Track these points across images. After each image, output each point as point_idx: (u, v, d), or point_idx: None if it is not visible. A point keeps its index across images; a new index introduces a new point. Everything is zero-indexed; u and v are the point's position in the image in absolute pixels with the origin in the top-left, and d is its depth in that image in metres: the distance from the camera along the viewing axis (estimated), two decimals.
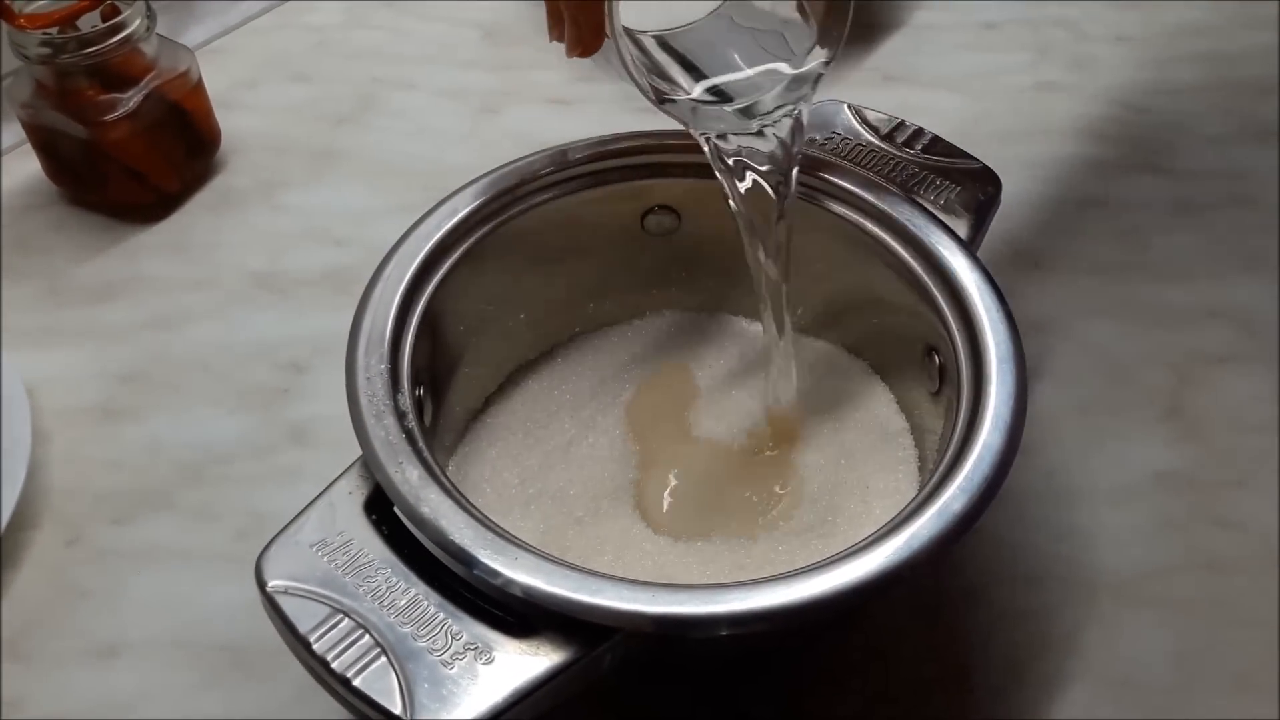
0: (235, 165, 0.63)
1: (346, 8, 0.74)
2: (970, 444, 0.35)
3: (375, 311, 0.39)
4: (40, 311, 0.55)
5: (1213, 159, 0.62)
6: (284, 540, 0.34)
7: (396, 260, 0.41)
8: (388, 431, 0.35)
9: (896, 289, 0.42)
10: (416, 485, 0.34)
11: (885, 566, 0.32)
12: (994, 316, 0.38)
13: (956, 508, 0.33)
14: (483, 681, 0.31)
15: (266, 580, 0.33)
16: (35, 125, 0.57)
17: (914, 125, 0.46)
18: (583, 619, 0.31)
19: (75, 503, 0.47)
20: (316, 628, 0.32)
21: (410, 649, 0.31)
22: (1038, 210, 0.58)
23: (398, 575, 0.33)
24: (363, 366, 0.37)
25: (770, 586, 0.32)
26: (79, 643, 0.43)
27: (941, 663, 0.42)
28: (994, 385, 0.36)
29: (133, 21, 0.55)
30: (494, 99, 0.65)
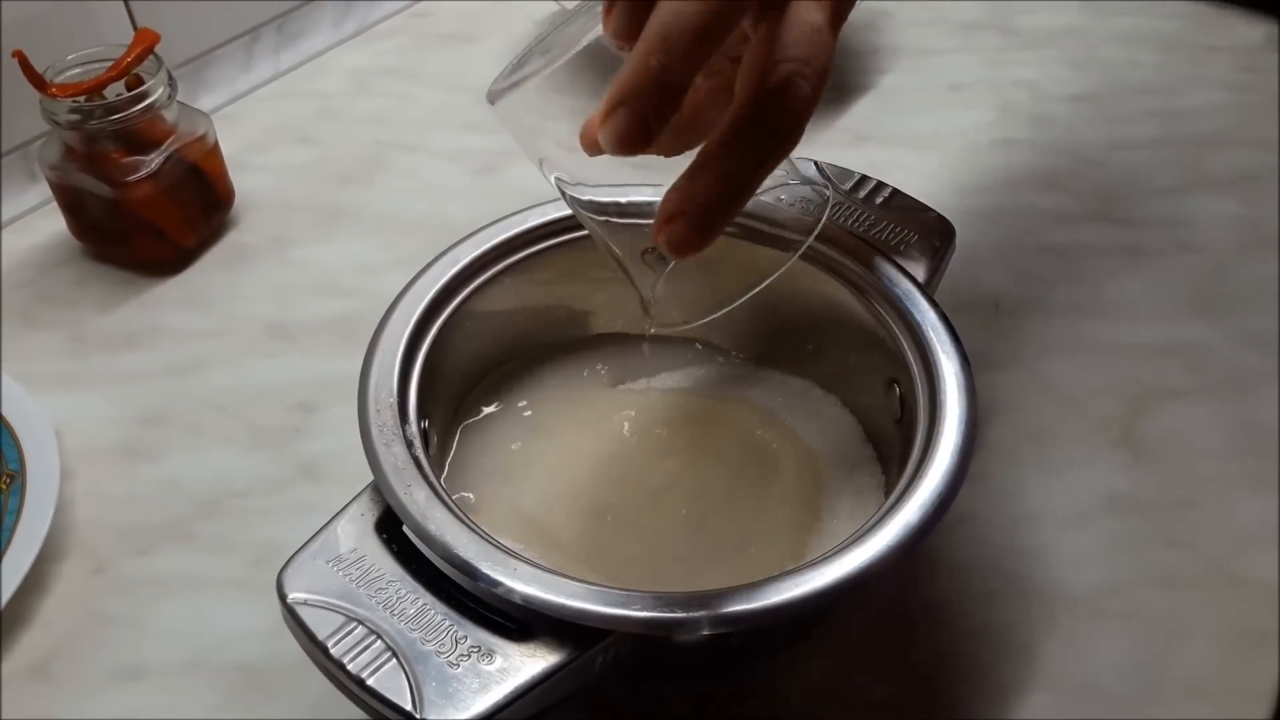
0: (247, 222, 0.67)
1: (350, 76, 0.78)
2: (926, 463, 0.38)
3: (384, 352, 0.43)
4: (66, 359, 0.58)
5: (1162, 209, 0.66)
6: (302, 557, 0.38)
7: (403, 305, 0.45)
8: (396, 458, 0.39)
9: (861, 327, 0.45)
10: (424, 506, 0.37)
11: (850, 572, 0.35)
12: (948, 350, 0.42)
13: (913, 519, 0.37)
14: (486, 680, 0.34)
15: (287, 593, 0.36)
16: (63, 185, 0.61)
17: (875, 180, 0.50)
18: (576, 623, 0.35)
19: (100, 535, 0.50)
20: (333, 634, 0.35)
21: (419, 652, 0.35)
22: (997, 256, 0.62)
23: (406, 587, 0.36)
24: (373, 401, 0.41)
25: (746, 592, 0.35)
26: (105, 665, 0.46)
27: (909, 675, 0.45)
28: (948, 411, 0.40)
29: (156, 90, 0.60)
30: (491, 159, 0.69)
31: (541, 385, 0.51)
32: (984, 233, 0.63)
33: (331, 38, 0.82)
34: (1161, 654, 0.45)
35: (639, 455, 0.48)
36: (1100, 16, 0.82)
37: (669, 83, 0.31)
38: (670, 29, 0.31)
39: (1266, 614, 0.46)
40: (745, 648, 0.43)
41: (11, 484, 0.50)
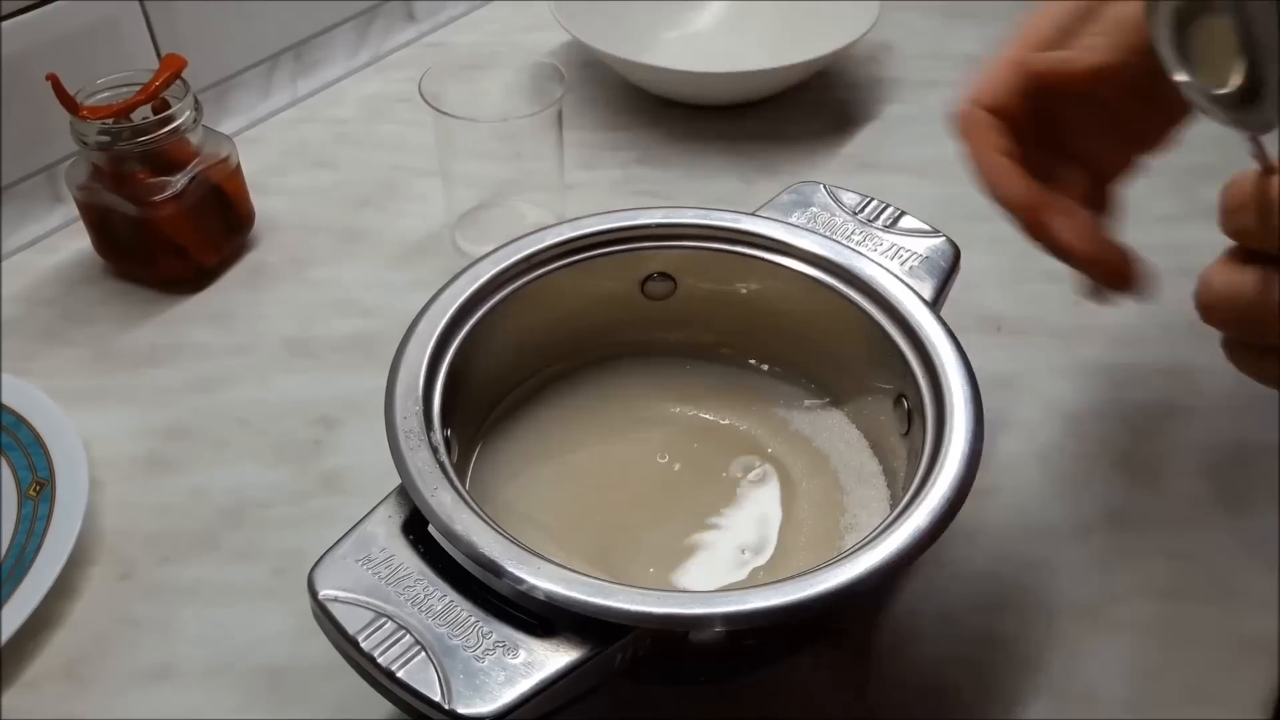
0: (267, 243, 0.68)
1: (366, 103, 0.80)
2: (934, 471, 0.40)
3: (410, 362, 0.44)
4: (92, 374, 0.60)
5: (1160, 235, 0.67)
6: (333, 557, 0.39)
7: (427, 318, 0.46)
8: (423, 463, 0.40)
9: (870, 343, 0.47)
10: (450, 508, 0.39)
11: (863, 573, 0.37)
12: (954, 365, 0.43)
13: (922, 523, 0.38)
14: (511, 674, 0.35)
15: (318, 590, 0.38)
16: (90, 204, 0.63)
17: (882, 203, 0.52)
18: (598, 619, 0.36)
19: (127, 543, 0.51)
20: (364, 629, 0.36)
21: (447, 646, 0.36)
22: (999, 280, 0.64)
23: (433, 585, 0.38)
24: (400, 409, 0.42)
25: (762, 591, 0.36)
26: (132, 666, 0.47)
27: (917, 679, 0.46)
28: (955, 422, 0.41)
29: (182, 114, 0.62)
30: (505, 186, 0.71)
31: (561, 399, 0.52)
32: (985, 257, 0.65)
33: (347, 66, 0.84)
34: (1161, 663, 0.47)
35: (654, 469, 0.49)
36: None
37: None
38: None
39: (1264, 624, 0.47)
40: (759, 648, 0.44)
41: (41, 491, 0.51)
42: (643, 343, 0.53)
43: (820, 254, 0.49)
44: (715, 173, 0.73)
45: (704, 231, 0.50)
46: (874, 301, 0.47)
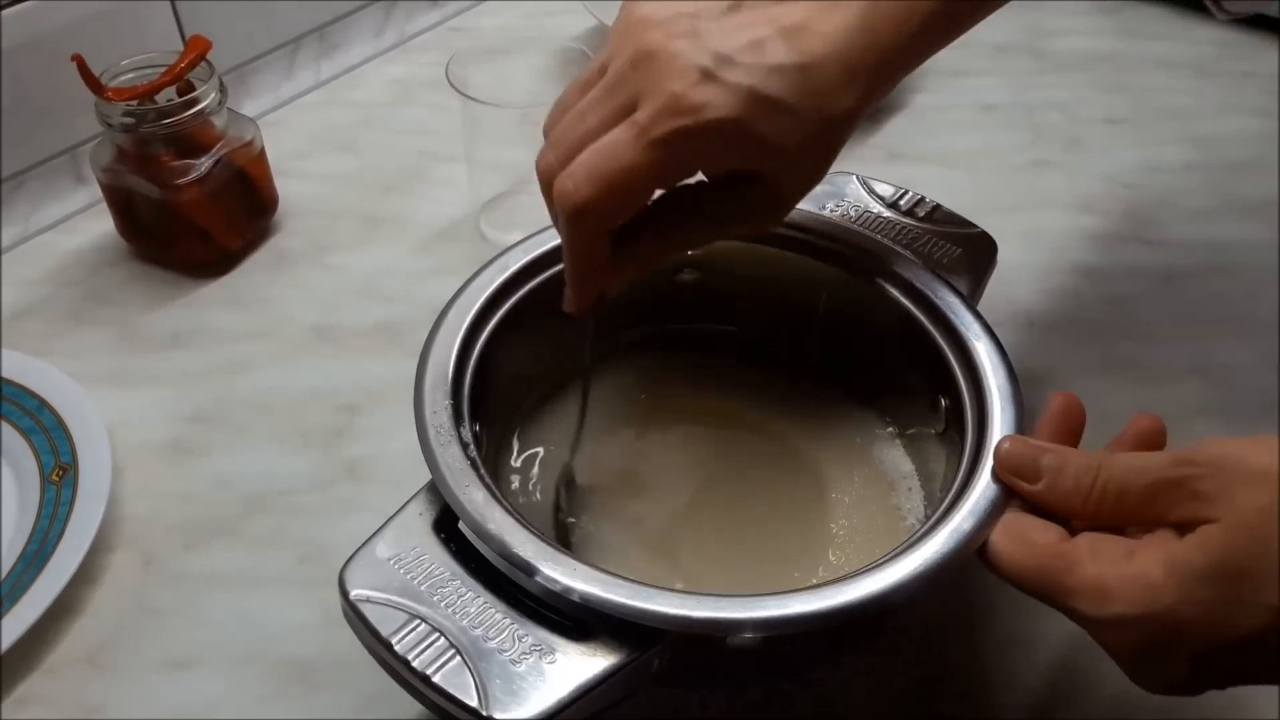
0: (290, 227, 0.68)
1: (391, 87, 0.80)
2: (976, 473, 0.39)
3: (438, 355, 0.43)
4: (115, 357, 0.59)
5: (1195, 232, 0.67)
6: (363, 556, 0.38)
7: (455, 310, 0.45)
8: (454, 459, 0.39)
9: (906, 340, 0.46)
10: (482, 506, 0.38)
11: (905, 578, 0.36)
12: (994, 361, 0.43)
13: (966, 528, 0.37)
14: (549, 679, 0.34)
15: (349, 590, 0.37)
16: (114, 187, 0.63)
17: (917, 194, 0.51)
18: (636, 623, 0.35)
19: (149, 530, 0.51)
20: (397, 631, 0.35)
21: (482, 649, 0.35)
22: (1031, 275, 0.63)
23: (466, 586, 0.37)
24: (429, 403, 0.41)
25: (803, 595, 0.35)
26: (155, 655, 0.47)
27: (946, 681, 0.46)
28: (996, 420, 0.40)
29: (207, 96, 0.61)
30: (531, 172, 0.70)
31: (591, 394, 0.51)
32: (1017, 251, 0.64)
33: (371, 49, 0.83)
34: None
35: (687, 463, 0.49)
36: (1133, 41, 0.83)
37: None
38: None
39: None
40: (796, 651, 0.44)
41: (64, 476, 0.51)
42: (672, 334, 0.52)
43: (854, 247, 0.48)
44: None
45: None
46: (911, 297, 0.46)
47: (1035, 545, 0.35)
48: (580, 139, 0.38)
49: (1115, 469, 0.35)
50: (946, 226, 0.49)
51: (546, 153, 0.40)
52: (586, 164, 0.37)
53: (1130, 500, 0.35)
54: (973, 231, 0.49)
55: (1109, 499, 0.35)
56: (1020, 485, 0.37)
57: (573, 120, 0.39)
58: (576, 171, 0.38)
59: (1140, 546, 0.34)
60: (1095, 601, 0.33)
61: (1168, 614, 0.32)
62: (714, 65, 0.36)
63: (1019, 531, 0.36)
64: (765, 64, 0.37)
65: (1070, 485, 0.36)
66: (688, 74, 0.36)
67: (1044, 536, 0.35)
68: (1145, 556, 0.33)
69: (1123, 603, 0.33)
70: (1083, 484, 0.36)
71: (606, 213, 0.38)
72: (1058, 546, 0.35)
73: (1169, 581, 0.32)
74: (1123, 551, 0.34)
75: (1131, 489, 0.35)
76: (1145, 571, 0.33)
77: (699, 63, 0.36)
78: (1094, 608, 0.33)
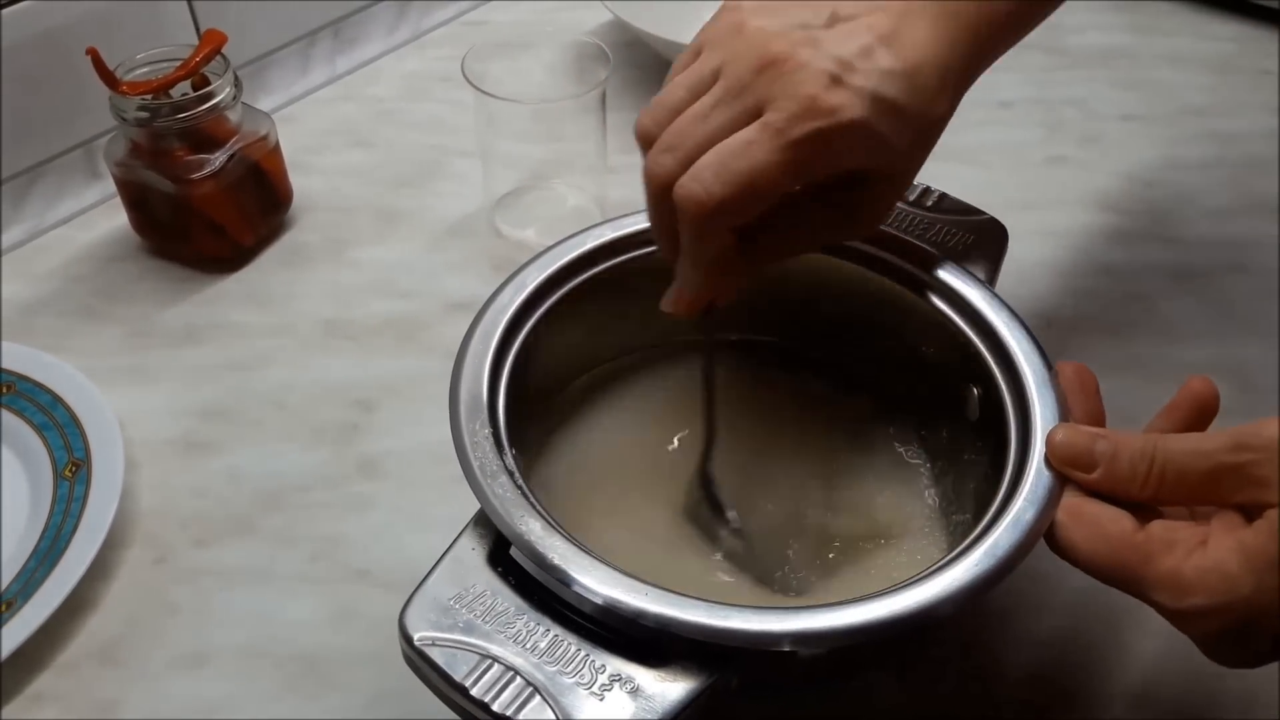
0: (304, 223, 0.68)
1: (405, 82, 0.79)
2: (1026, 462, 0.38)
3: (469, 383, 0.42)
4: (128, 353, 0.59)
5: (1213, 229, 0.66)
6: (422, 597, 0.36)
7: (479, 334, 0.43)
8: (504, 490, 0.38)
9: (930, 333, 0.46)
10: (541, 536, 0.36)
11: (984, 571, 0.35)
12: (1027, 348, 0.42)
13: (1028, 517, 0.37)
14: (634, 709, 0.33)
15: (413, 635, 0.35)
16: (128, 181, 0.63)
17: (922, 184, 0.50)
18: (716, 643, 0.34)
19: (163, 525, 0.51)
20: (470, 673, 0.34)
21: (562, 685, 0.34)
22: (1048, 273, 0.63)
23: (533, 620, 0.36)
24: (468, 432, 0.40)
25: (881, 599, 0.35)
26: (168, 652, 0.47)
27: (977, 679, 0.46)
28: (1037, 407, 0.40)
29: (222, 90, 0.61)
30: (545, 167, 0.70)
31: (620, 400, 0.50)
32: (1034, 249, 0.64)
33: (386, 44, 0.83)
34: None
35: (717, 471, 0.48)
36: (1149, 38, 0.82)
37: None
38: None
39: None
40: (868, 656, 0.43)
41: (77, 472, 0.51)
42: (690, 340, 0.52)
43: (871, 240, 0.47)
44: None
45: None
46: (935, 290, 0.45)
47: (1110, 537, 0.36)
48: (703, 141, 0.39)
49: (1171, 454, 0.36)
50: (955, 215, 0.49)
51: (661, 156, 0.40)
52: (716, 165, 0.38)
53: (1189, 485, 0.35)
54: (982, 218, 0.49)
55: (1167, 484, 0.36)
56: (1076, 475, 0.38)
57: (690, 123, 0.39)
58: (704, 173, 0.38)
59: (1212, 534, 0.34)
60: (1174, 594, 0.34)
61: (1246, 603, 0.33)
62: (839, 71, 0.38)
63: (1092, 522, 0.36)
64: (879, 69, 0.38)
65: (1126, 472, 0.36)
66: (819, 79, 0.38)
67: (1117, 527, 0.36)
68: (1219, 546, 0.34)
69: (1202, 594, 0.33)
70: (1139, 471, 0.36)
71: (736, 212, 0.39)
72: (1132, 538, 0.35)
73: (1245, 571, 0.33)
74: (1196, 540, 0.34)
75: (1190, 474, 0.35)
76: (1221, 562, 0.33)
77: (826, 69, 0.38)
78: (1173, 600, 0.34)
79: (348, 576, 0.49)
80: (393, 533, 0.51)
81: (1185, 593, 0.34)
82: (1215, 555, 0.33)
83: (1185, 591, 0.34)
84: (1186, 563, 0.34)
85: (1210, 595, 0.33)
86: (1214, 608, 0.33)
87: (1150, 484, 0.36)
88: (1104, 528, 0.36)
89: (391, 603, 0.36)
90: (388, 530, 0.51)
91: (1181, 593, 0.34)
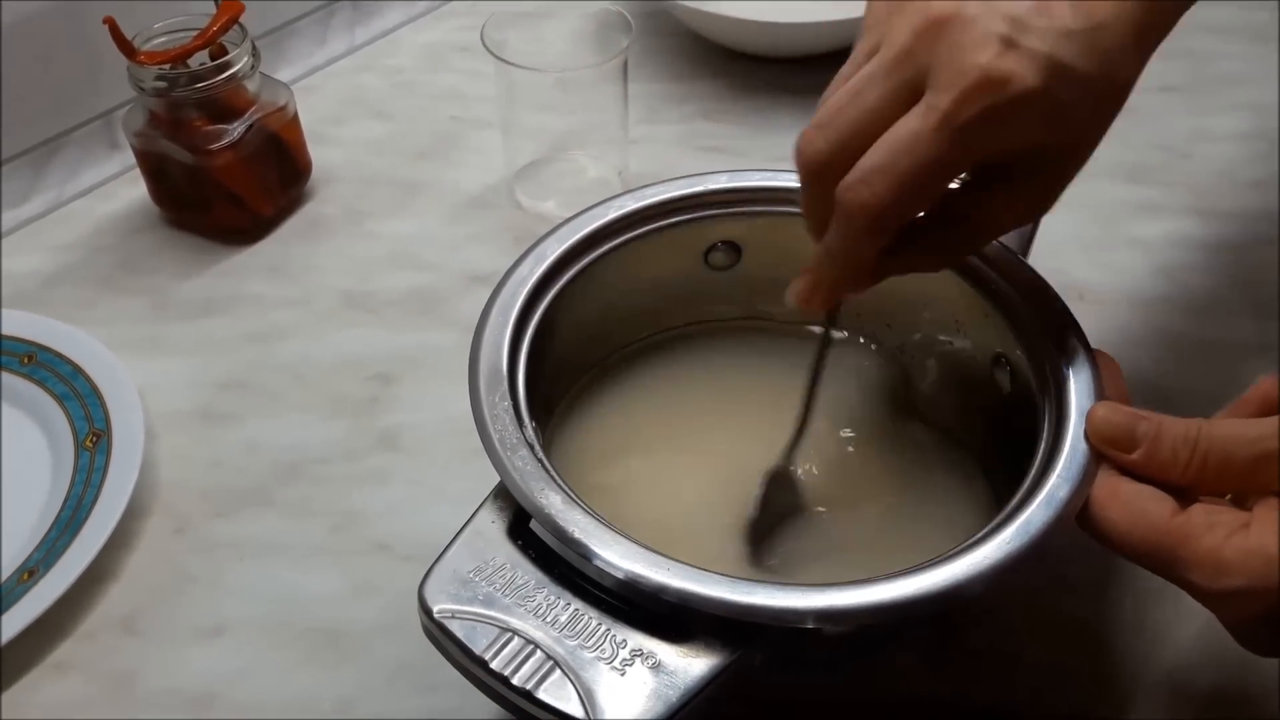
0: (324, 194, 0.67)
1: (424, 52, 0.79)
2: (1061, 438, 0.37)
3: (488, 355, 0.41)
4: (148, 324, 0.59)
5: (1252, 202, 0.64)
6: (441, 570, 0.36)
7: (498, 307, 0.43)
8: (524, 463, 0.37)
9: (960, 305, 0.45)
10: (562, 509, 0.36)
11: (1017, 548, 0.34)
12: (1063, 322, 0.41)
13: (1062, 494, 0.36)
14: (656, 685, 0.33)
15: (432, 607, 0.35)
16: (146, 152, 0.62)
17: None
18: (740, 619, 0.33)
19: (182, 497, 0.51)
20: (490, 647, 0.34)
21: (582, 659, 0.33)
22: (1082, 246, 0.61)
23: (554, 594, 0.35)
24: (488, 404, 0.39)
25: (909, 577, 0.34)
26: (188, 623, 0.46)
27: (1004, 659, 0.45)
28: (1072, 383, 0.39)
29: (240, 60, 0.60)
30: (566, 138, 0.69)
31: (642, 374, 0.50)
32: (1067, 223, 0.62)
33: (404, 14, 0.82)
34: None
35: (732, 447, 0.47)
36: None
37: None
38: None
39: None
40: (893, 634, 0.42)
41: (98, 442, 0.50)
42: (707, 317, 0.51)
43: None
44: (784, 128, 0.71)
45: (772, 195, 0.48)
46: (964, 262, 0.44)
47: (1149, 514, 0.34)
48: (857, 119, 0.36)
49: (1215, 439, 0.34)
50: None
51: (814, 135, 0.37)
52: (883, 163, 0.35)
53: (1232, 471, 0.34)
54: None
55: (1210, 470, 0.34)
56: (1115, 454, 0.36)
57: (845, 98, 0.36)
58: (870, 174, 0.35)
59: (1255, 519, 0.33)
60: (1212, 574, 0.33)
61: None
62: (1011, 31, 0.34)
63: (1131, 501, 0.35)
64: (1057, 28, 0.34)
65: (1168, 456, 0.35)
66: (988, 43, 0.34)
67: (1158, 507, 0.34)
68: (1263, 529, 0.33)
69: (1242, 576, 0.32)
70: (1180, 455, 0.35)
71: (901, 213, 0.36)
72: (1172, 519, 0.34)
73: None
74: (1239, 524, 0.33)
75: (1234, 460, 0.34)
76: (1263, 545, 0.32)
77: (997, 30, 0.34)
78: (1210, 580, 0.33)
79: (367, 549, 0.49)
80: (412, 506, 0.50)
81: (1224, 573, 0.32)
82: (1259, 538, 0.32)
83: (1224, 572, 0.32)
84: (1228, 543, 0.33)
85: (1250, 577, 0.32)
86: (1253, 590, 0.32)
87: (1192, 469, 0.35)
88: (1144, 506, 0.35)
89: (411, 575, 0.36)
90: (407, 503, 0.50)
91: (1220, 573, 0.33)
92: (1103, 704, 0.43)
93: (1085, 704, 0.43)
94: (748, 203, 0.48)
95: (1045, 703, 0.44)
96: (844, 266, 0.38)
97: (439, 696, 0.43)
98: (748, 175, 0.48)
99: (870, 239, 0.36)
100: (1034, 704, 0.44)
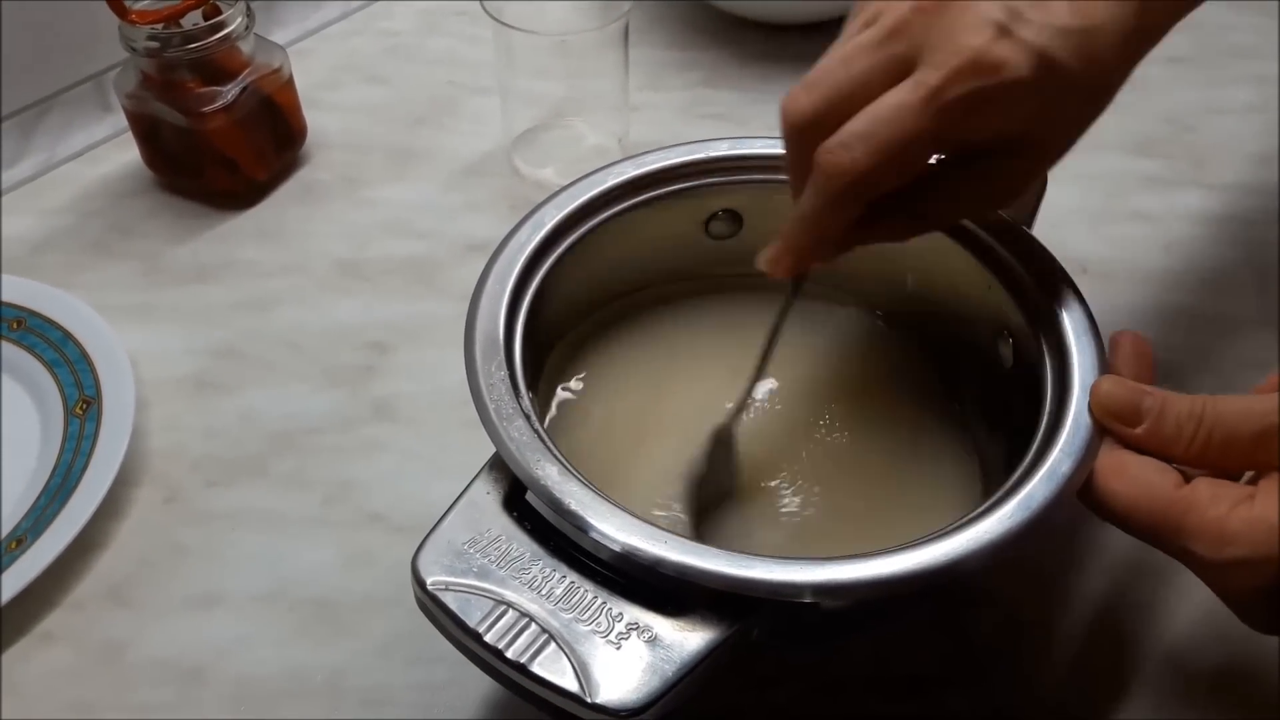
0: (319, 160, 0.66)
1: (421, 15, 0.77)
2: (1063, 413, 0.37)
3: (485, 322, 0.40)
4: (139, 290, 0.58)
5: (1258, 175, 0.64)
6: (435, 541, 0.35)
7: (495, 275, 0.42)
8: (520, 433, 0.36)
9: (962, 278, 0.44)
10: (558, 481, 0.35)
11: (1017, 524, 0.34)
12: (1067, 296, 0.41)
13: (1064, 469, 0.35)
14: (652, 659, 0.33)
15: (426, 579, 0.34)
16: (139, 114, 0.61)
17: None
18: (737, 593, 0.33)
19: (173, 465, 0.50)
20: (484, 619, 0.33)
21: (578, 633, 0.33)
22: (1086, 219, 0.61)
23: (549, 566, 0.35)
24: (483, 374, 0.38)
25: (909, 551, 0.33)
26: (179, 593, 0.46)
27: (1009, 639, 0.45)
28: (1075, 358, 0.38)
29: (233, 21, 0.59)
30: (565, 104, 0.68)
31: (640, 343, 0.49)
32: (1072, 195, 0.62)
33: None
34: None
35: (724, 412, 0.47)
36: None
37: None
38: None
39: None
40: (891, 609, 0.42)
41: (88, 410, 0.50)
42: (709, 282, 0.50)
43: None
44: None
45: (775, 163, 0.47)
46: (966, 233, 0.43)
47: (1155, 488, 0.34)
48: (845, 84, 0.36)
49: (1221, 415, 0.34)
50: None
51: (800, 94, 0.36)
52: (865, 130, 0.35)
53: (1237, 447, 0.34)
54: None
55: (1214, 445, 0.34)
56: (1119, 428, 0.36)
57: (836, 63, 0.36)
58: (851, 140, 0.35)
59: (1260, 491, 0.33)
60: (1214, 544, 0.33)
61: None
62: (1009, 20, 0.34)
63: (1135, 474, 0.35)
64: (1053, 24, 0.34)
65: (1172, 431, 0.35)
66: (983, 28, 0.34)
67: (1163, 480, 0.34)
68: (1266, 501, 0.32)
69: (1245, 546, 0.32)
70: (1185, 430, 0.35)
71: (879, 182, 0.36)
72: (1176, 491, 0.34)
73: None
74: (1243, 495, 0.33)
75: (1239, 436, 0.34)
76: (1267, 514, 0.32)
77: (995, 17, 0.34)
78: (1212, 550, 0.33)
79: (360, 520, 0.48)
80: (407, 476, 0.50)
81: (1227, 543, 0.32)
82: (1263, 509, 0.32)
83: (1227, 541, 0.32)
84: (1233, 513, 0.32)
85: (1254, 547, 0.32)
86: (1256, 560, 0.32)
87: (1196, 444, 0.34)
88: (1149, 478, 0.34)
89: (404, 547, 0.35)
90: (402, 474, 0.50)
91: (1223, 543, 0.32)
92: (1105, 681, 0.43)
93: (1086, 681, 0.43)
94: (750, 170, 0.47)
95: (1045, 679, 0.43)
96: (813, 231, 0.38)
97: (432, 669, 0.43)
98: (750, 142, 0.47)
99: (842, 205, 0.36)
100: (1034, 681, 0.43)
